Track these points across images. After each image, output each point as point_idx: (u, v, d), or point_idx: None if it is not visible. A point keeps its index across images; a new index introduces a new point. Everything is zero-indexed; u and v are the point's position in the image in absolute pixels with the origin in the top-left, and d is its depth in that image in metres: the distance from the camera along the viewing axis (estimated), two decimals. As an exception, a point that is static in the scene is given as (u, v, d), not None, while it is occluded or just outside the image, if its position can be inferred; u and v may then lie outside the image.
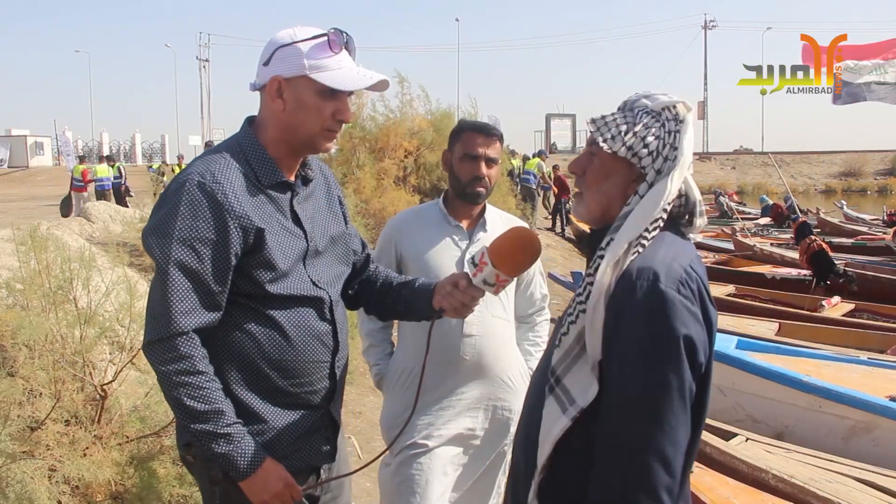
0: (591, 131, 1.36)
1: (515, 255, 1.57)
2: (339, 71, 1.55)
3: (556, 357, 1.32)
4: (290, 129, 1.58)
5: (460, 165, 2.29)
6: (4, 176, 32.65)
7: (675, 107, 1.32)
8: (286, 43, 1.54)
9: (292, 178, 1.65)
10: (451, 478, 2.24)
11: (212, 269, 1.49)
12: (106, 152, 30.86)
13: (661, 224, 1.29)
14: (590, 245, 1.40)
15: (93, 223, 6.84)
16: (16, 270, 3.10)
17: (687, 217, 1.36)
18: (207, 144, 10.49)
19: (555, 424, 1.27)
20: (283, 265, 1.56)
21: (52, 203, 16.51)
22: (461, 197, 2.32)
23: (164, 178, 14.77)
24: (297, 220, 1.63)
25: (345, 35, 1.58)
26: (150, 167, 23.07)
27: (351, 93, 1.60)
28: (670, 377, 1.17)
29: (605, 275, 1.24)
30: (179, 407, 1.49)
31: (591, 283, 1.27)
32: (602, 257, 1.27)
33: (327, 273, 1.69)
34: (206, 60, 47.93)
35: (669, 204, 1.29)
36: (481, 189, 2.29)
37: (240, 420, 1.53)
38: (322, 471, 1.72)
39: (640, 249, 1.25)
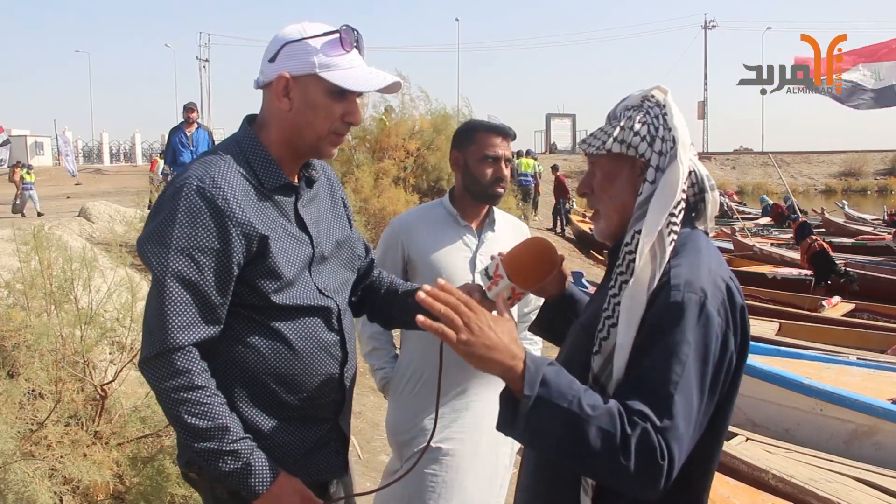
0: (582, 151, 1.33)
1: (532, 267, 1.49)
2: (350, 70, 1.46)
3: (597, 364, 1.24)
4: (296, 131, 1.49)
5: (480, 167, 2.25)
6: (5, 176, 32.58)
7: (652, 95, 1.31)
8: (294, 39, 1.45)
9: (296, 181, 1.56)
10: (460, 484, 2.20)
11: (212, 280, 1.39)
12: (106, 152, 30.72)
13: (684, 206, 1.26)
14: (612, 256, 1.34)
15: (93, 223, 6.83)
16: (16, 271, 3.10)
17: (700, 205, 1.31)
18: (185, 108, 9.76)
19: None
20: (289, 273, 1.47)
21: (51, 203, 16.49)
22: (481, 198, 2.29)
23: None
24: (302, 224, 1.53)
25: (356, 33, 1.49)
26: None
27: (360, 94, 1.51)
28: (700, 368, 1.16)
29: (646, 267, 1.20)
30: (181, 425, 1.39)
31: (626, 282, 1.22)
32: (631, 252, 1.22)
33: (333, 280, 1.60)
34: (206, 60, 47.75)
35: (686, 185, 1.26)
36: (501, 190, 2.29)
37: (248, 435, 1.42)
38: (332, 485, 1.64)
39: (675, 237, 1.22)
